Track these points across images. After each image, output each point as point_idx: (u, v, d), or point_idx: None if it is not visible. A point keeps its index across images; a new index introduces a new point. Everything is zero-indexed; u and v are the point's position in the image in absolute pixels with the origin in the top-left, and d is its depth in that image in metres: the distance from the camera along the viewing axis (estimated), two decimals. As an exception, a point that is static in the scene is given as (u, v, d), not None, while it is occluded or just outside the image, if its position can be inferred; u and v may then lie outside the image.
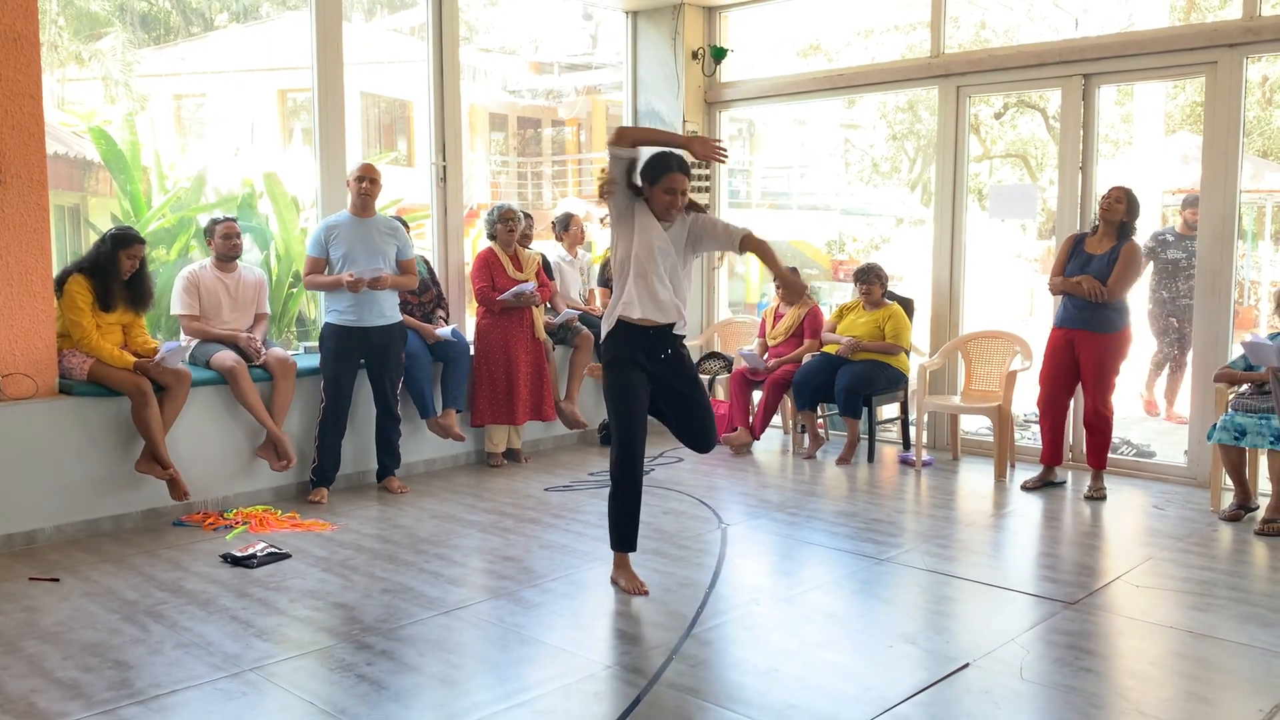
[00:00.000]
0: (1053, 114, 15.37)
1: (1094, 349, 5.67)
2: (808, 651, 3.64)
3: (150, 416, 4.96)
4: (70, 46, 13.08)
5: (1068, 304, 5.77)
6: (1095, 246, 5.73)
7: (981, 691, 3.29)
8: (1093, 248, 5.74)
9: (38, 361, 4.91)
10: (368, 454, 5.97)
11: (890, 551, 4.74)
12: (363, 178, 5.62)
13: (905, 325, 6.79)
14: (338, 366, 5.63)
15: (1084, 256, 5.73)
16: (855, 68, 7.98)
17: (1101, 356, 5.67)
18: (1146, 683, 3.39)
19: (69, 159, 9.71)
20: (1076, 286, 5.65)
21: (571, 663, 3.52)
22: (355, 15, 15.53)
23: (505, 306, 6.40)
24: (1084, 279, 5.63)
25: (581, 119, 19.26)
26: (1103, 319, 5.66)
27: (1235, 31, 5.76)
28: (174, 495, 5.14)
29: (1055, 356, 5.81)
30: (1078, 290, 5.65)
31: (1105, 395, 5.73)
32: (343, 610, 4.01)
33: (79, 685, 3.33)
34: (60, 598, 4.15)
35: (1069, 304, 5.75)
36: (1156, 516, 5.40)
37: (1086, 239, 5.79)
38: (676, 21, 7.89)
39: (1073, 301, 5.72)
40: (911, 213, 17.95)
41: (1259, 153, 14.67)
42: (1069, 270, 5.76)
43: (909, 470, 6.47)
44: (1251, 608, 4.03)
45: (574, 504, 5.64)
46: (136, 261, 5.10)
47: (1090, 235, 5.80)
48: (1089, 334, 5.68)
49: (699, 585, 4.30)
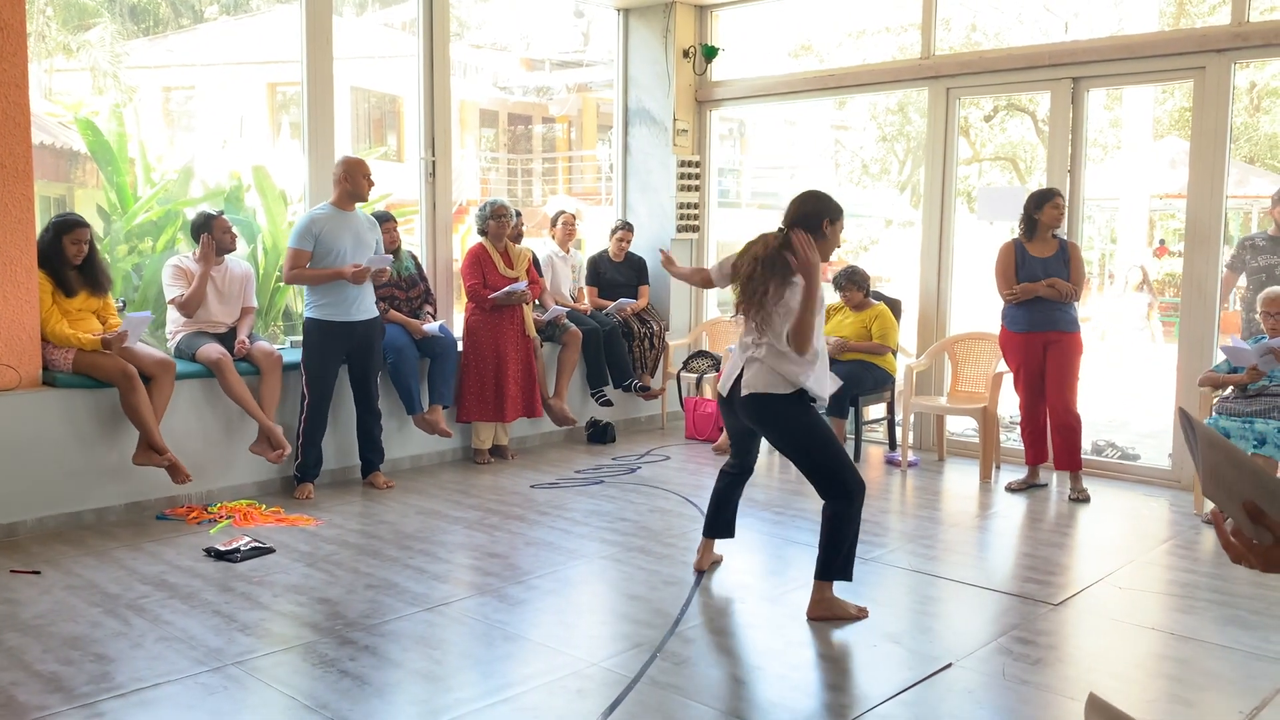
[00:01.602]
0: (1042, 117, 15.42)
1: (1065, 350, 5.77)
2: (792, 650, 3.64)
3: (140, 403, 4.93)
4: (58, 37, 13.00)
5: (1034, 309, 5.79)
6: (1040, 250, 5.81)
7: (964, 691, 3.30)
8: (1037, 251, 5.81)
9: (21, 353, 4.88)
10: (353, 449, 5.95)
11: (875, 551, 4.74)
12: (368, 174, 5.61)
13: (892, 325, 6.80)
14: (322, 361, 5.60)
15: (1036, 261, 5.80)
16: (846, 68, 7.99)
17: (1071, 357, 5.79)
18: (1129, 684, 3.40)
19: (55, 150, 9.66)
20: (1050, 290, 5.70)
21: (555, 660, 3.52)
22: (346, 9, 15.46)
23: (496, 305, 6.39)
24: (1055, 281, 5.71)
25: (572, 116, 19.24)
26: (1070, 319, 5.79)
27: (1223, 37, 5.78)
28: (175, 479, 5.10)
29: (1030, 361, 5.85)
30: (1051, 293, 5.71)
31: (1073, 395, 5.82)
32: (326, 605, 3.99)
33: (59, 678, 3.31)
34: (41, 590, 4.12)
35: (1036, 308, 5.79)
36: (1140, 519, 5.42)
37: (1026, 245, 5.85)
38: (668, 20, 7.89)
39: (1041, 305, 5.77)
40: (901, 214, 18.01)
41: (1246, 158, 14.75)
42: (1023, 276, 5.81)
43: (894, 471, 6.48)
44: (1234, 610, 4.05)
45: (560, 501, 5.64)
46: (84, 246, 5.07)
47: (1028, 241, 5.85)
48: (1061, 335, 5.77)
49: (684, 583, 4.30)
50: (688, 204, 8.07)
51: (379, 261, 5.60)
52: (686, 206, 8.07)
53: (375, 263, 5.58)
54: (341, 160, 5.65)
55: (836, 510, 3.86)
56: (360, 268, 5.51)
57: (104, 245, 7.84)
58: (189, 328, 5.55)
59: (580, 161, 18.98)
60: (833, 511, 3.87)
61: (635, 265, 7.84)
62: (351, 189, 5.61)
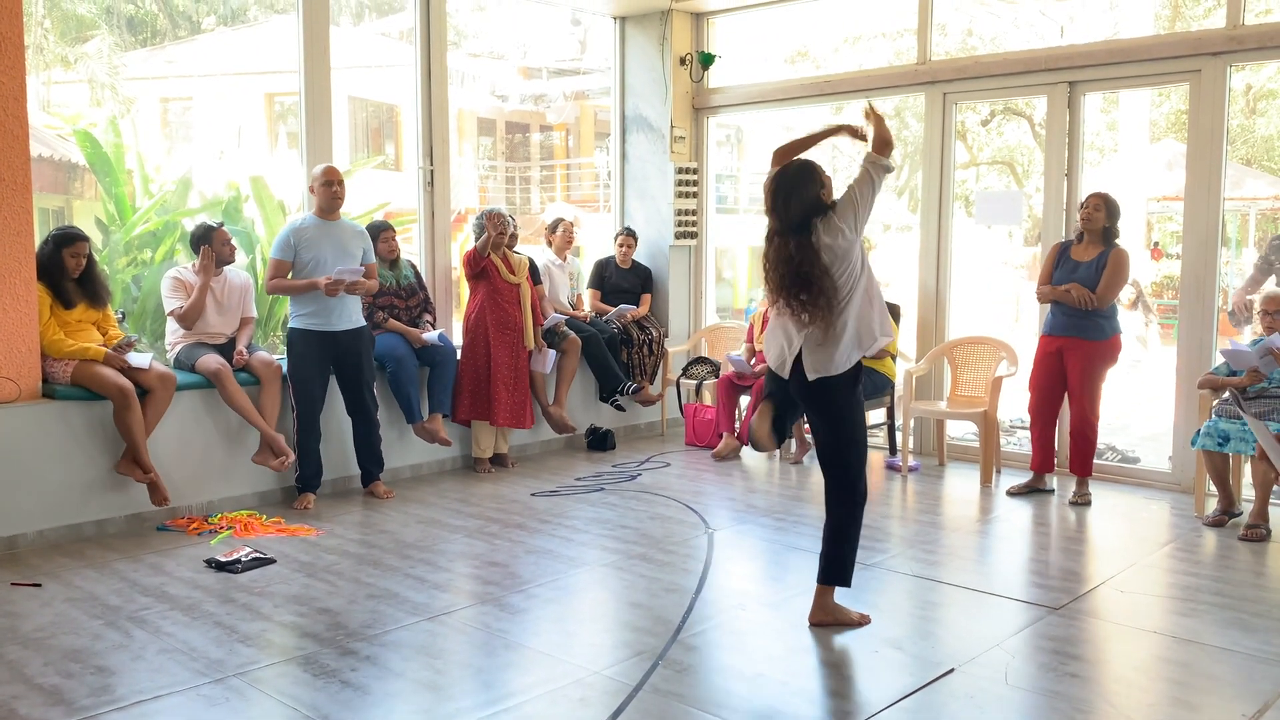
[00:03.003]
0: (1039, 121, 15.45)
1: (1083, 356, 5.68)
2: (793, 657, 3.64)
3: (132, 420, 4.93)
4: (56, 49, 13.01)
5: (1056, 312, 5.78)
6: (1081, 254, 5.75)
7: (966, 697, 3.30)
8: (1079, 255, 5.76)
9: (20, 365, 4.88)
10: (352, 459, 5.94)
11: (876, 557, 4.74)
12: (331, 181, 5.61)
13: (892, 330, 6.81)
14: (307, 371, 5.58)
15: (1071, 264, 5.75)
16: (843, 74, 8.00)
17: (1090, 364, 5.69)
18: (1131, 688, 3.40)
19: (54, 162, 9.67)
20: (1065, 295, 5.67)
21: (557, 668, 3.52)
22: (343, 19, 15.52)
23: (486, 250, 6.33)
24: (1073, 287, 5.65)
25: (569, 124, 19.27)
26: (1093, 326, 5.68)
27: (1219, 40, 5.80)
28: (154, 500, 5.10)
29: (1045, 364, 5.83)
30: (1067, 298, 5.67)
31: (1093, 403, 5.75)
32: (327, 616, 3.99)
33: (60, 691, 3.30)
34: (42, 603, 4.11)
35: (1058, 312, 5.77)
36: (1141, 522, 5.42)
37: (1072, 246, 5.82)
38: (664, 27, 7.90)
39: (1062, 309, 5.74)
40: (898, 219, 18.01)
41: (1242, 160, 14.77)
42: (1056, 278, 5.78)
43: (895, 476, 6.48)
44: (1235, 613, 4.04)
45: (561, 509, 5.63)
46: (82, 259, 5.07)
47: (1076, 243, 5.82)
48: (1079, 341, 5.70)
49: (685, 590, 4.30)
50: (685, 210, 8.08)
51: (347, 273, 5.49)
52: (684, 213, 8.08)
53: (342, 274, 5.48)
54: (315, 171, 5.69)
55: (845, 514, 3.86)
56: (331, 279, 5.48)
57: (103, 257, 7.85)
58: (188, 339, 5.55)
59: (578, 169, 19.01)
60: (841, 515, 3.87)
61: (640, 273, 7.85)
62: (318, 198, 5.63)
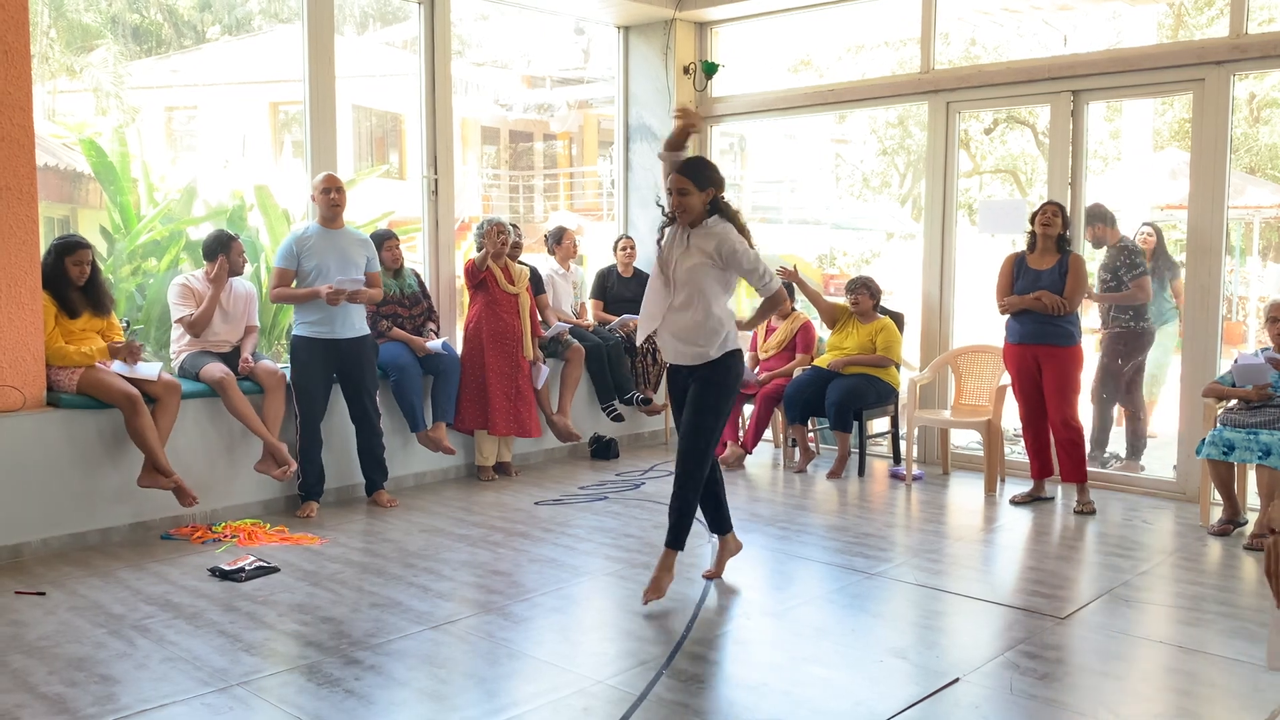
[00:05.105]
0: (1042, 130, 15.45)
1: (1057, 363, 5.75)
2: (797, 666, 3.63)
3: (144, 426, 4.94)
4: (62, 59, 13.05)
5: (1025, 320, 5.81)
6: (1039, 263, 5.81)
7: (971, 706, 3.29)
8: (1036, 264, 5.82)
9: (26, 373, 4.89)
10: (355, 467, 5.94)
11: (880, 566, 4.74)
12: (329, 189, 5.62)
13: (896, 339, 6.81)
14: (310, 379, 5.59)
15: (1031, 273, 5.81)
16: (846, 83, 8.01)
17: (1065, 370, 5.76)
18: (1136, 698, 3.39)
19: (59, 171, 9.68)
20: (1036, 302, 5.72)
21: (560, 678, 3.51)
22: (347, 28, 15.54)
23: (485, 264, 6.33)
24: (1043, 294, 5.71)
25: (573, 133, 19.29)
26: (1063, 333, 5.75)
27: (1222, 49, 5.80)
28: (182, 502, 5.11)
29: (1024, 373, 5.86)
30: (1037, 305, 5.72)
31: (1072, 408, 5.80)
32: (331, 624, 3.99)
33: (64, 700, 3.30)
34: (46, 611, 4.12)
35: (1027, 320, 5.80)
36: (1145, 531, 5.41)
37: (1027, 256, 5.86)
38: (668, 37, 7.92)
39: (1032, 317, 5.78)
40: (902, 227, 18.00)
41: (1246, 169, 14.75)
42: (1018, 289, 5.83)
43: (899, 485, 6.47)
44: (1240, 623, 4.03)
45: (564, 518, 5.63)
46: (86, 267, 5.09)
47: (1029, 253, 5.86)
48: (1051, 348, 5.75)
49: (689, 599, 4.29)
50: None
51: (348, 282, 5.51)
52: (688, 222, 8.06)
53: (343, 283, 5.50)
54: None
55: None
56: (333, 288, 5.49)
57: (108, 266, 7.86)
58: (193, 347, 5.56)
59: (581, 178, 19.02)
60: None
61: (643, 281, 7.82)
62: (319, 207, 5.66)
